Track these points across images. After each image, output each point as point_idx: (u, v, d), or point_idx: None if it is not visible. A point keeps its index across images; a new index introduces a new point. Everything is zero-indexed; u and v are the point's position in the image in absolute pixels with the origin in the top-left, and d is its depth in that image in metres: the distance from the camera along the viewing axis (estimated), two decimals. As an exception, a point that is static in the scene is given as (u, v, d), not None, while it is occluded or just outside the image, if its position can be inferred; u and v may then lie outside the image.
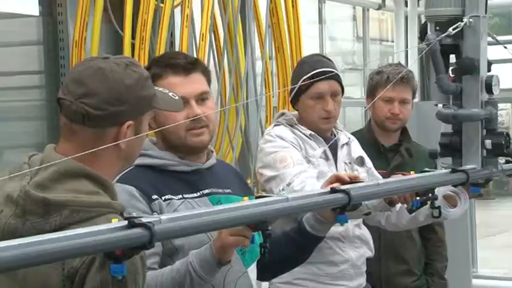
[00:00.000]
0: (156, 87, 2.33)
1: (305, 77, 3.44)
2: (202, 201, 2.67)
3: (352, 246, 3.48)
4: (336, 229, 3.30)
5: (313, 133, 3.46)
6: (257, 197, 2.27)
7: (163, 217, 1.84)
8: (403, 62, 5.82)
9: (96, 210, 2.07)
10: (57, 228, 1.99)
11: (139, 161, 2.61)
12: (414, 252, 4.12)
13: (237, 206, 2.21)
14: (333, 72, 3.40)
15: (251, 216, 2.12)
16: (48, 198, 2.07)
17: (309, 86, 3.44)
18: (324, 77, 3.38)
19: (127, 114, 2.17)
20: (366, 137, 3.86)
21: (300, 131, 3.48)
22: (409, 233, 4.02)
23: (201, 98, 2.74)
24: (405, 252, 4.08)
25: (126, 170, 2.61)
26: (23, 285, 2.13)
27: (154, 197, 2.64)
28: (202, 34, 3.97)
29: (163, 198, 2.65)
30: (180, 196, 2.68)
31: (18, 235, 1.99)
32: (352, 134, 3.80)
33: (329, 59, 3.56)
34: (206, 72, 2.83)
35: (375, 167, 3.62)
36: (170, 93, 2.37)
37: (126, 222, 1.79)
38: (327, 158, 3.46)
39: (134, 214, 1.87)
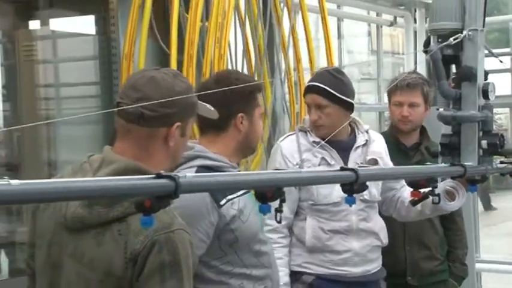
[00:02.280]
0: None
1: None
2: (245, 197, 2.67)
3: (356, 237, 3.40)
4: (340, 224, 3.36)
5: (317, 140, 3.35)
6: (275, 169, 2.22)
7: (188, 174, 1.79)
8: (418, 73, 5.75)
9: None
10: (120, 217, 2.05)
11: (201, 161, 2.68)
12: (436, 239, 4.04)
13: (257, 173, 2.23)
14: (313, 85, 3.34)
15: (269, 181, 2.05)
16: None
17: (304, 96, 3.45)
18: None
19: (176, 116, 2.20)
20: (389, 138, 3.79)
21: (308, 138, 3.41)
22: (431, 223, 3.94)
23: None
24: (427, 240, 4.00)
25: (194, 171, 2.64)
26: (90, 268, 2.12)
27: (222, 201, 2.64)
28: (221, 54, 3.92)
29: (227, 198, 2.65)
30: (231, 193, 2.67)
31: (85, 223, 2.07)
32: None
33: (331, 72, 3.40)
34: None
35: (397, 164, 3.52)
36: (207, 105, 2.42)
37: (154, 175, 1.76)
38: (328, 163, 3.35)
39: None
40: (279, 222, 2.13)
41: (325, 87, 3.28)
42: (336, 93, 3.27)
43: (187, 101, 2.23)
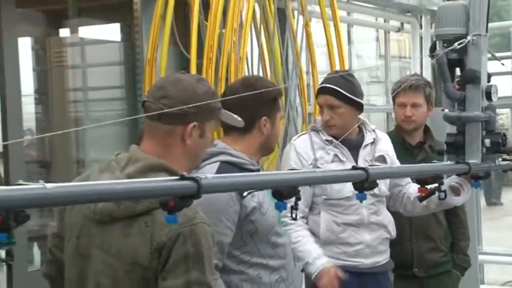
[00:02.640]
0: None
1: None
2: (263, 192, 2.65)
3: (368, 230, 3.36)
4: (352, 218, 3.34)
5: (329, 138, 3.34)
6: (290, 169, 2.22)
7: (209, 175, 1.79)
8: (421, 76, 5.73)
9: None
10: (146, 211, 2.06)
11: (224, 157, 2.68)
12: (440, 232, 4.00)
13: (274, 173, 2.23)
14: (325, 86, 3.32)
15: (286, 181, 2.05)
16: None
17: (316, 98, 3.42)
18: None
19: (193, 116, 2.18)
20: (394, 137, 3.75)
21: (320, 137, 3.38)
22: (435, 217, 3.89)
23: None
24: (432, 233, 3.96)
25: (217, 165, 2.66)
26: (117, 258, 2.13)
27: (244, 193, 2.59)
28: (240, 57, 3.90)
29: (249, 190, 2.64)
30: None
31: (113, 216, 2.08)
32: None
33: (342, 75, 3.38)
34: None
35: (403, 161, 3.50)
36: (234, 115, 2.40)
37: (178, 177, 1.76)
38: (340, 160, 3.33)
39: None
40: (295, 219, 2.14)
41: (337, 89, 3.25)
42: (347, 94, 3.26)
43: (208, 105, 2.21)
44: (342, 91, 3.26)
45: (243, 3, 3.87)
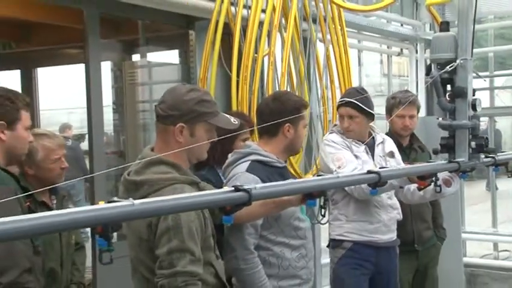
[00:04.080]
0: (224, 114, 2.30)
1: (337, 103, 3.40)
2: None
3: (385, 211, 3.33)
4: (373, 198, 3.26)
5: (354, 140, 3.31)
6: (318, 175, 2.23)
7: (257, 186, 1.82)
8: (414, 91, 5.67)
9: (163, 183, 2.10)
10: (143, 197, 2.01)
11: (254, 157, 2.63)
12: (430, 215, 4.03)
13: (306, 180, 2.24)
14: (347, 100, 3.27)
15: (314, 187, 2.08)
16: (136, 179, 2.15)
17: (338, 109, 3.37)
18: (339, 101, 3.34)
19: (179, 119, 2.14)
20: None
21: (345, 139, 3.33)
22: (427, 204, 3.89)
23: None
24: (426, 216, 3.97)
25: (248, 163, 2.61)
26: (134, 235, 2.17)
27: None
28: (282, 73, 3.93)
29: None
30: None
31: None
32: None
33: (359, 91, 3.34)
34: None
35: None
36: (232, 119, 2.33)
37: (233, 188, 1.77)
38: (367, 153, 3.32)
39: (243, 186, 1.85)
40: (324, 216, 2.16)
41: (356, 102, 3.26)
42: (364, 107, 3.25)
43: (191, 108, 2.15)
44: (359, 104, 3.25)
45: (274, 33, 3.85)
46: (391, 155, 3.41)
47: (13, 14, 4.13)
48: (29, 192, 2.23)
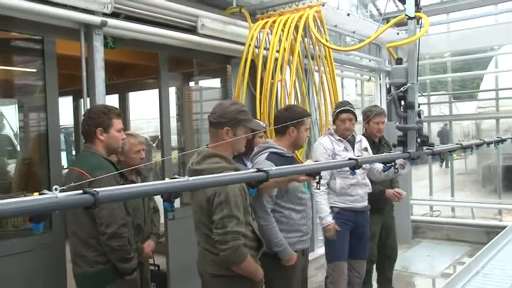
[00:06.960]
0: (255, 119, 2.25)
1: (337, 111, 3.32)
2: None
3: (361, 187, 3.30)
4: (353, 181, 3.23)
5: (339, 138, 3.28)
6: (315, 161, 2.18)
7: (273, 167, 1.81)
8: (379, 106, 5.59)
9: (216, 170, 2.02)
10: None
11: (271, 150, 2.58)
12: (387, 186, 3.93)
13: (305, 164, 2.16)
14: (349, 109, 3.28)
15: (314, 169, 2.03)
16: (197, 168, 2.08)
17: (339, 114, 3.30)
18: (340, 109, 3.29)
19: (226, 124, 2.08)
20: (367, 139, 3.67)
21: (334, 138, 3.30)
22: (388, 180, 3.78)
23: None
24: (386, 187, 3.83)
25: (267, 154, 2.55)
26: (196, 204, 2.11)
27: None
28: (289, 93, 3.90)
29: None
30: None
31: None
32: None
33: (349, 103, 3.36)
34: None
35: (373, 152, 3.52)
36: (261, 122, 2.30)
37: (256, 170, 1.71)
38: (346, 150, 3.27)
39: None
40: (318, 189, 2.09)
41: (353, 110, 3.27)
42: (355, 113, 3.28)
43: (234, 116, 2.09)
44: (354, 111, 3.27)
45: (285, 66, 3.82)
46: (366, 149, 3.38)
47: (115, 58, 4.22)
48: (120, 171, 2.25)
